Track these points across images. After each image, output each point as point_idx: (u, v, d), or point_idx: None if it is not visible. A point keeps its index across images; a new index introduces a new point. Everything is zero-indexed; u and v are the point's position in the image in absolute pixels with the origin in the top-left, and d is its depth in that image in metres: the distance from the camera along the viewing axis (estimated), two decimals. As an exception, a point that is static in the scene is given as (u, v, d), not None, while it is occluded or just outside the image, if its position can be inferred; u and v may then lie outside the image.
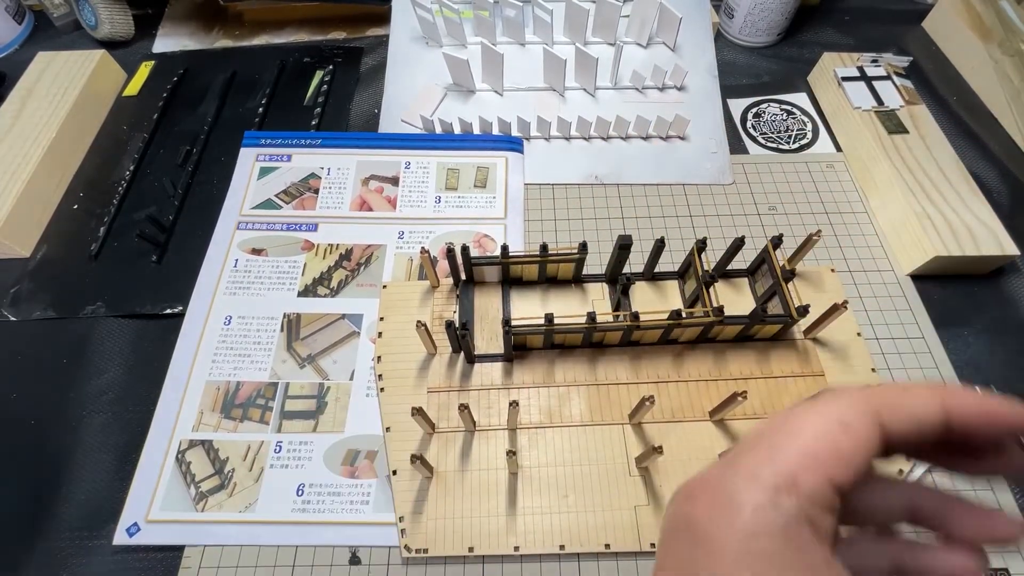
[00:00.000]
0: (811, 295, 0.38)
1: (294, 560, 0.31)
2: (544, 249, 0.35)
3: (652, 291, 0.39)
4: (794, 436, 0.16)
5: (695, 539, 0.16)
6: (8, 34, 0.58)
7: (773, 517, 0.15)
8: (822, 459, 0.15)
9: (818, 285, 0.39)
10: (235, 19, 0.60)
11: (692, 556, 0.16)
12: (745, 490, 0.16)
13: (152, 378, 0.37)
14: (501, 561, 0.31)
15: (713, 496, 0.16)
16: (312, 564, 0.31)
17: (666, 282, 0.39)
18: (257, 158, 0.47)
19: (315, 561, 0.31)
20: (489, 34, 0.51)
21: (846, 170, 0.46)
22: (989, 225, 0.39)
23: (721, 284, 0.38)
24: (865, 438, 0.16)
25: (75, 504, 0.34)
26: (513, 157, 0.46)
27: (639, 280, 0.39)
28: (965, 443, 0.17)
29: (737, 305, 0.37)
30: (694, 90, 0.50)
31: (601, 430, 0.34)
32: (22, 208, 0.43)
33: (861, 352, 0.36)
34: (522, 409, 0.34)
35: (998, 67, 0.48)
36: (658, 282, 0.39)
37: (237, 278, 0.41)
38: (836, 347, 0.37)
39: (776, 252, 0.36)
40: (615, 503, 0.32)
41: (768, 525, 0.15)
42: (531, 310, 0.38)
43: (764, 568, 0.15)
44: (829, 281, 0.40)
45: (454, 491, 0.32)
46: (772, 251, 0.36)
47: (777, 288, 0.35)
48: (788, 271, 0.35)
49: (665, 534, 0.18)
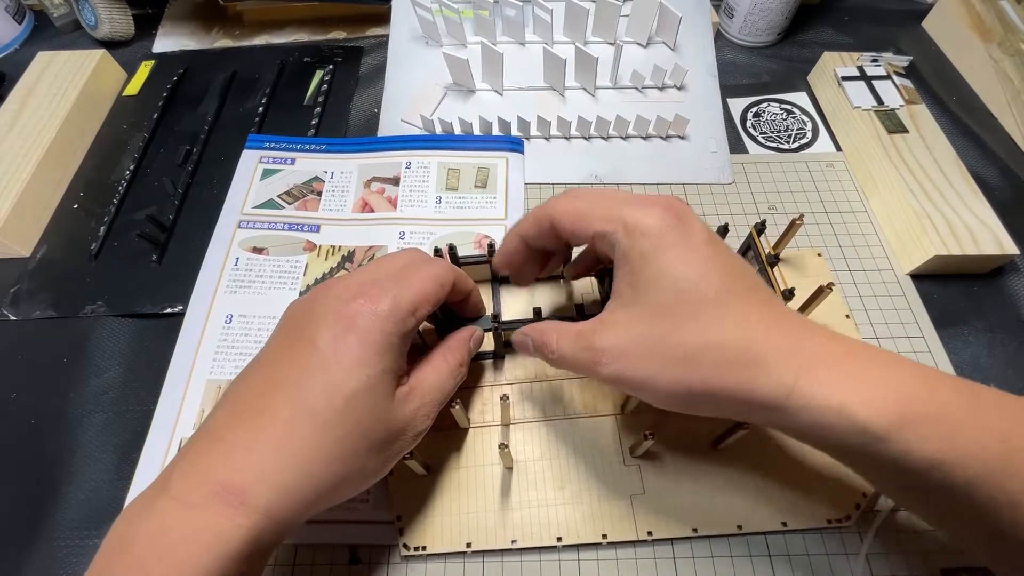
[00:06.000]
0: (797, 279, 0.39)
1: (294, 559, 0.31)
2: None
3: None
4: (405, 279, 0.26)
5: (299, 333, 0.25)
6: (8, 34, 0.58)
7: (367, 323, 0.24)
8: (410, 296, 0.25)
9: (804, 269, 0.40)
10: (235, 19, 0.60)
11: (342, 331, 0.24)
12: (382, 301, 0.25)
13: (152, 377, 0.37)
14: (500, 555, 0.31)
15: (362, 300, 0.25)
16: (312, 564, 0.31)
17: None
18: (260, 160, 0.47)
19: (315, 560, 0.31)
20: (489, 34, 0.51)
21: (846, 170, 0.46)
22: (989, 224, 0.39)
23: None
24: (433, 290, 0.26)
25: (75, 504, 0.34)
26: (513, 157, 0.47)
27: None
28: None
29: None
30: (694, 90, 0.50)
31: (594, 422, 0.34)
32: (22, 208, 0.43)
33: (850, 334, 0.36)
34: (515, 404, 0.34)
35: (998, 67, 0.48)
36: None
37: (238, 277, 0.41)
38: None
39: (761, 239, 0.36)
40: (610, 493, 0.32)
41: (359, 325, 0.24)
42: (521, 306, 0.38)
43: (356, 352, 0.23)
44: (815, 265, 0.40)
45: (450, 488, 0.32)
46: (756, 237, 0.36)
47: (763, 274, 0.35)
48: (773, 256, 0.35)
49: (278, 326, 0.26)
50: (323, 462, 0.22)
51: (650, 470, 0.32)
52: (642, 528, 0.31)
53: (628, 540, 0.31)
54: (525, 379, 0.35)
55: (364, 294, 0.25)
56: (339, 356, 0.23)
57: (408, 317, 0.25)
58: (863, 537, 0.31)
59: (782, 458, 0.32)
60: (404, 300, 0.25)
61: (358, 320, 0.24)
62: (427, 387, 0.27)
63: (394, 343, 0.25)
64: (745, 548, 0.31)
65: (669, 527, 0.31)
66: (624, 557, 0.31)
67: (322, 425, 0.23)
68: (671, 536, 0.31)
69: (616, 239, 0.24)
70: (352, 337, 0.24)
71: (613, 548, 0.31)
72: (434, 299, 0.26)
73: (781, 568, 0.30)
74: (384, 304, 0.24)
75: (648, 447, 0.31)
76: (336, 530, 0.32)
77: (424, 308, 0.26)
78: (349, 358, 0.23)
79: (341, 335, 0.24)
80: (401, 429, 0.25)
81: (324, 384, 0.23)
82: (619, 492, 0.32)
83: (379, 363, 0.24)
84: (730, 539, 0.31)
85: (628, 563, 0.31)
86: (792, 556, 0.31)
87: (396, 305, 0.25)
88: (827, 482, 0.32)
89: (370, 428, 0.24)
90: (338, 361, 0.23)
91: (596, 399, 0.34)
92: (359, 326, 0.24)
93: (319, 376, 0.23)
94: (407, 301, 0.25)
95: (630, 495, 0.32)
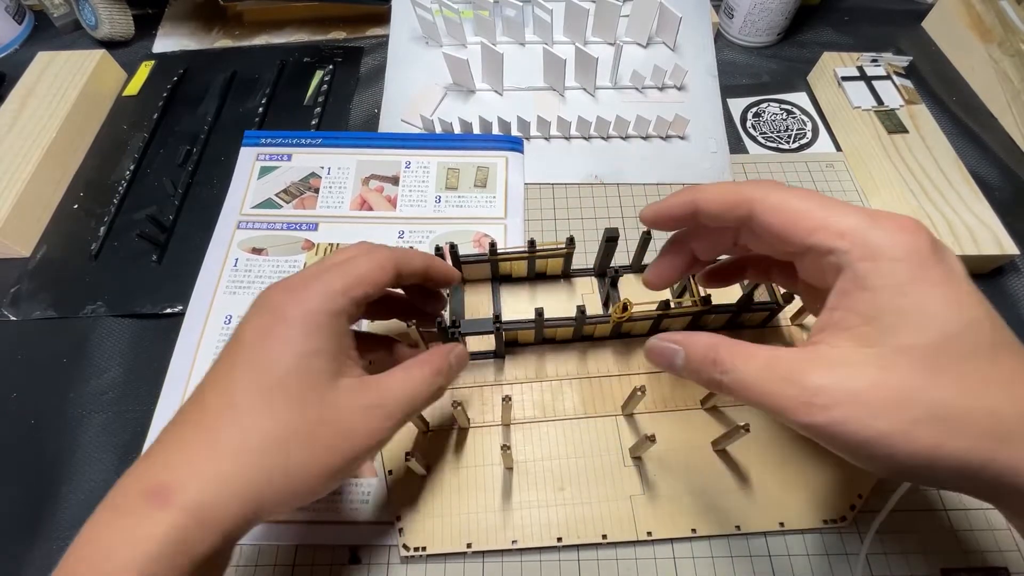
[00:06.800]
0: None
1: (294, 559, 0.31)
2: (532, 245, 0.35)
3: (640, 284, 0.39)
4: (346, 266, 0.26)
5: (234, 334, 0.24)
6: (8, 34, 0.58)
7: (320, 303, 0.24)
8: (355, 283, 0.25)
9: None
10: (235, 19, 0.60)
11: (268, 322, 0.24)
12: (310, 287, 0.25)
13: (152, 378, 0.37)
14: (500, 556, 0.31)
15: (288, 292, 0.25)
16: (312, 564, 0.31)
17: None
18: (257, 157, 0.47)
19: (315, 560, 0.31)
20: (489, 34, 0.51)
21: (846, 170, 0.46)
22: (989, 225, 0.39)
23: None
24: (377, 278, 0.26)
25: (75, 504, 0.34)
26: (513, 157, 0.47)
27: (628, 273, 0.39)
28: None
29: (725, 294, 0.38)
30: (694, 90, 0.50)
31: (594, 422, 0.34)
32: (22, 208, 0.43)
33: None
34: (515, 404, 0.34)
35: (998, 67, 0.48)
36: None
37: (237, 277, 0.41)
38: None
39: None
40: (611, 494, 0.32)
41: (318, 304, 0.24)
42: (521, 306, 0.38)
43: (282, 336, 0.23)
44: None
45: (450, 488, 0.32)
46: None
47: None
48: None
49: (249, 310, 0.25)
50: (257, 452, 0.21)
51: (650, 471, 0.32)
52: (642, 528, 0.31)
53: (628, 540, 0.31)
54: (525, 379, 0.35)
55: (293, 286, 0.25)
56: (264, 343, 0.23)
57: (338, 296, 0.24)
58: (863, 537, 0.31)
59: (781, 459, 0.32)
60: (335, 282, 0.24)
61: (285, 309, 0.24)
62: (391, 388, 0.25)
63: (323, 322, 0.24)
64: (745, 548, 0.31)
65: (669, 527, 0.31)
66: (624, 557, 0.31)
67: (250, 412, 0.22)
68: (671, 536, 0.31)
69: (849, 260, 0.20)
70: (279, 326, 0.23)
71: (613, 548, 0.31)
72: (371, 279, 0.25)
73: (781, 568, 0.30)
74: (313, 290, 0.24)
75: (648, 448, 0.31)
76: (336, 531, 0.32)
77: (359, 289, 0.25)
78: (275, 343, 0.23)
79: (268, 325, 0.24)
80: (349, 426, 0.23)
81: (250, 373, 0.22)
82: (619, 493, 0.32)
83: (306, 343, 0.23)
84: (730, 539, 0.31)
85: (628, 563, 0.31)
86: (792, 556, 0.31)
87: (326, 288, 0.24)
88: (824, 483, 0.32)
89: (304, 414, 0.22)
90: (264, 348, 0.23)
91: (596, 400, 0.34)
92: (286, 315, 0.23)
93: (244, 367, 0.23)
94: (339, 283, 0.24)
95: (630, 495, 0.32)
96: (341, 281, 0.25)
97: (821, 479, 0.32)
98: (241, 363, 0.23)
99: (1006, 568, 0.30)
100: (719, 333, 0.23)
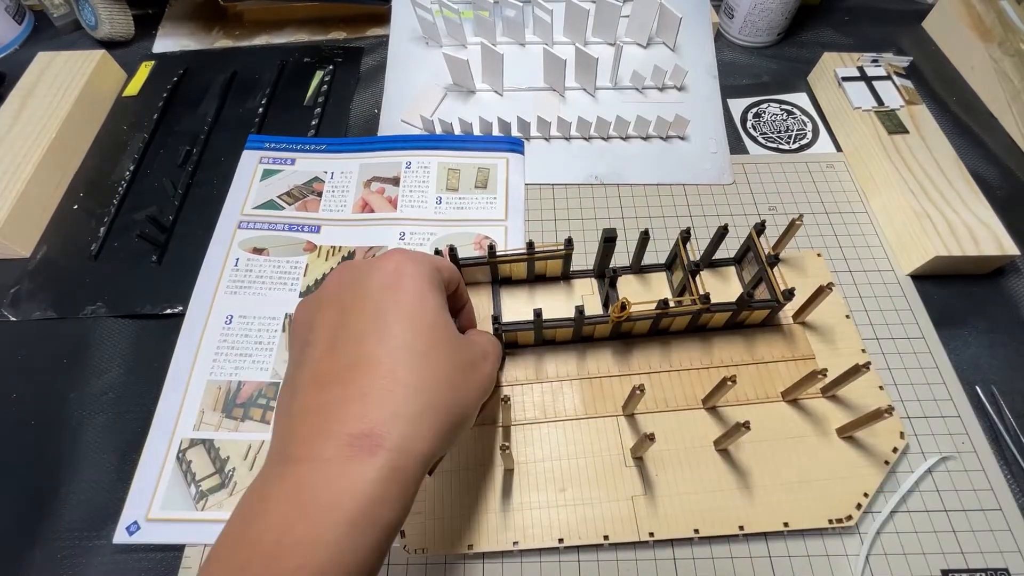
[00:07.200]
0: (797, 280, 0.39)
1: (294, 560, 0.31)
2: (531, 247, 0.35)
3: (640, 284, 0.39)
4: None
5: (353, 299, 0.25)
6: (8, 34, 0.58)
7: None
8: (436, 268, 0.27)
9: (804, 270, 0.40)
10: (235, 19, 0.60)
11: (395, 279, 0.25)
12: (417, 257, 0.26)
13: (152, 378, 0.37)
14: (501, 557, 0.31)
15: (403, 256, 0.26)
16: (312, 564, 0.31)
17: (653, 275, 0.39)
18: (260, 160, 0.47)
19: (315, 561, 0.31)
20: (489, 34, 0.51)
21: (846, 170, 0.46)
22: (989, 225, 0.39)
23: (709, 274, 0.39)
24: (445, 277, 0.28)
25: (75, 504, 0.34)
26: (514, 158, 0.46)
27: (626, 273, 0.39)
28: None
29: (726, 293, 0.38)
30: (694, 90, 0.50)
31: (595, 423, 0.34)
32: (22, 208, 0.43)
33: (850, 333, 0.37)
34: (515, 405, 0.34)
35: (998, 67, 0.48)
36: (646, 275, 0.39)
37: (238, 277, 0.41)
38: (825, 330, 0.37)
39: (761, 239, 0.36)
40: (612, 494, 0.32)
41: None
42: (521, 308, 0.38)
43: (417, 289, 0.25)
44: (815, 265, 0.40)
45: (451, 490, 0.32)
46: (756, 237, 0.36)
47: (763, 274, 0.35)
48: (773, 256, 0.35)
49: (352, 270, 0.26)
50: (432, 391, 0.23)
51: (651, 471, 0.32)
52: (643, 529, 0.31)
53: (629, 541, 0.31)
54: (525, 380, 0.35)
55: (393, 258, 0.26)
56: (404, 296, 0.24)
57: (437, 273, 0.26)
58: (863, 538, 0.31)
59: (783, 459, 0.32)
60: (432, 261, 0.27)
61: (403, 270, 0.25)
62: (482, 343, 0.28)
63: (436, 283, 0.26)
64: (746, 549, 0.31)
65: (670, 528, 0.31)
66: (625, 559, 0.31)
67: (421, 355, 0.23)
68: (672, 537, 0.31)
69: None
70: (406, 281, 0.25)
71: (614, 549, 0.31)
72: (453, 277, 0.29)
73: (782, 569, 0.30)
74: (422, 259, 0.26)
75: (649, 448, 0.31)
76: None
77: (448, 274, 0.28)
78: (413, 295, 0.24)
79: (394, 284, 0.25)
80: (471, 362, 0.26)
81: (406, 320, 0.24)
82: (620, 493, 0.32)
83: (439, 296, 0.26)
84: (731, 540, 0.31)
85: (629, 564, 0.31)
86: (793, 557, 0.31)
87: (431, 260, 0.27)
88: (828, 483, 0.32)
89: (454, 354, 0.25)
90: (407, 299, 0.24)
91: (596, 400, 0.34)
92: (407, 272, 0.25)
93: (396, 316, 0.24)
94: (435, 262, 0.27)
95: (631, 496, 0.32)
96: (437, 265, 0.27)
97: (824, 478, 0.32)
98: (391, 314, 0.24)
99: (1006, 569, 0.30)
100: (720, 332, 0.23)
